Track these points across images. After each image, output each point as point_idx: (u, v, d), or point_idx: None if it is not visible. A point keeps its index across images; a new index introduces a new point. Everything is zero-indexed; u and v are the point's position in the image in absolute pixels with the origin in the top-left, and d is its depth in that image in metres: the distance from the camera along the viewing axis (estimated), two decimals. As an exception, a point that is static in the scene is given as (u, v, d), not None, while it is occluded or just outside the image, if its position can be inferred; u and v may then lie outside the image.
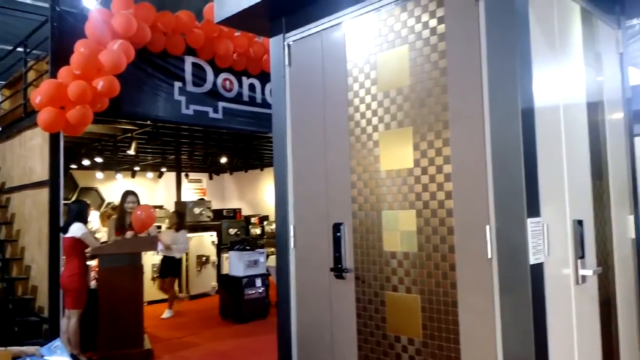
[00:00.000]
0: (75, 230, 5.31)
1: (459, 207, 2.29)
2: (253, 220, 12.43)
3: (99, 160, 10.14)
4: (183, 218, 8.50)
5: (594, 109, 2.83)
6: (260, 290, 7.37)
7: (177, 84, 6.33)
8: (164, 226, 9.32)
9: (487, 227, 2.17)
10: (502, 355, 2.07)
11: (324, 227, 2.88)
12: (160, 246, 7.10)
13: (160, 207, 12.25)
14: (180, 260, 8.00)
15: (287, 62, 3.15)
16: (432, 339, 2.36)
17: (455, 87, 2.33)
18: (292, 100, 3.13)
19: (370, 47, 2.71)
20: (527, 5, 2.22)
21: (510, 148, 2.11)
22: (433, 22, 2.42)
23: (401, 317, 2.50)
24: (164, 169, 14.03)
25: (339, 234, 2.80)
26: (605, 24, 3.08)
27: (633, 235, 3.12)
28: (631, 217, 3.12)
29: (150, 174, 14.49)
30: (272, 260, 6.95)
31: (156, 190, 14.83)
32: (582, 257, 2.45)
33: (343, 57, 2.84)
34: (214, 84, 6.64)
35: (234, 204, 14.92)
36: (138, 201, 6.40)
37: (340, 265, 2.78)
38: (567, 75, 2.57)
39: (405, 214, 2.52)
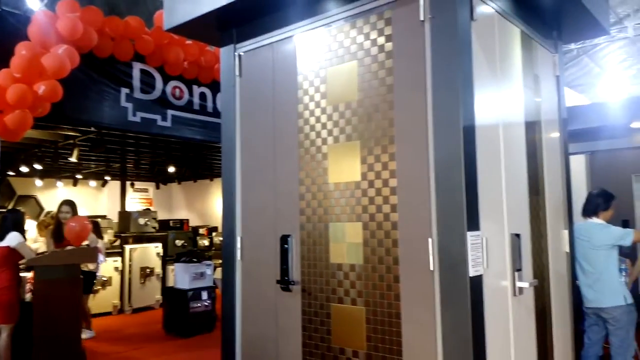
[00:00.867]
0: (11, 239, 5.03)
1: (404, 220, 2.34)
2: (201, 231, 12.17)
3: (38, 167, 9.66)
4: (99, 227, 8.03)
5: (532, 128, 2.98)
6: (207, 303, 7.21)
7: (124, 91, 6.15)
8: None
9: (430, 239, 2.22)
10: (443, 366, 2.12)
11: (272, 239, 2.87)
12: (101, 258, 6.82)
13: (104, 217, 11.80)
14: (93, 274, 7.14)
15: (237, 73, 3.13)
16: (376, 350, 2.38)
17: (401, 104, 2.39)
18: (242, 111, 3.12)
19: (320, 61, 2.74)
20: (470, 27, 2.32)
21: (452, 164, 2.18)
22: (381, 40, 2.48)
23: (346, 329, 2.51)
24: (108, 178, 13.56)
25: (286, 246, 2.80)
26: (543, 47, 3.25)
27: (567, 249, 3.29)
28: (566, 232, 3.29)
29: (93, 183, 13.96)
30: (219, 273, 6.80)
31: (99, 200, 14.30)
32: (520, 269, 2.55)
33: (294, 69, 2.86)
34: (163, 91, 6.50)
35: (181, 215, 14.58)
36: (74, 211, 6.13)
37: (287, 278, 2.77)
38: (506, 96, 2.69)
39: (352, 227, 2.55)
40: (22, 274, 5.43)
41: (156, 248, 9.37)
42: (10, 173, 10.64)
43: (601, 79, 16.96)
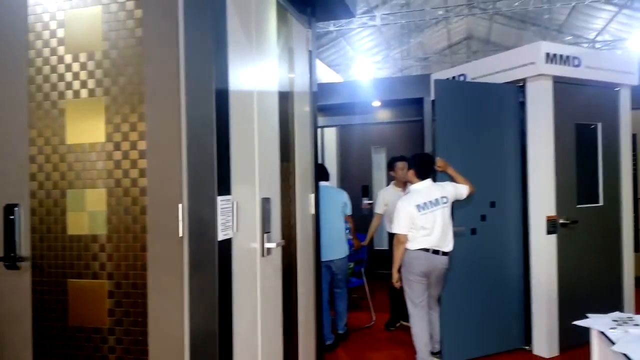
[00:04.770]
0: None
1: (153, 186, 2.21)
2: None
3: None
4: None
5: (285, 98, 3.12)
6: None
7: None
8: None
9: (180, 205, 2.14)
10: (189, 332, 2.09)
11: (-8, 209, 2.41)
12: None
13: None
14: None
15: (-59, 1, 2.48)
16: (120, 324, 2.22)
17: (152, 60, 2.22)
18: (-52, 51, 2.49)
19: (57, 1, 2.35)
20: (225, -11, 2.26)
21: (204, 127, 2.13)
22: (129, -14, 2.24)
23: (86, 305, 2.28)
24: None
25: (12, 217, 2.38)
26: (298, 22, 3.41)
27: (313, 212, 3.60)
28: (312, 196, 3.60)
29: None
30: None
31: None
32: (269, 231, 2.68)
33: (23, 8, 2.39)
34: None
35: None
36: None
37: (13, 254, 2.37)
38: (261, 64, 2.74)
39: (95, 193, 2.30)
40: None
41: None
42: None
43: (355, 61, 19.08)
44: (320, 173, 4.66)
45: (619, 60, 5.05)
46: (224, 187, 2.19)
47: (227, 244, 2.19)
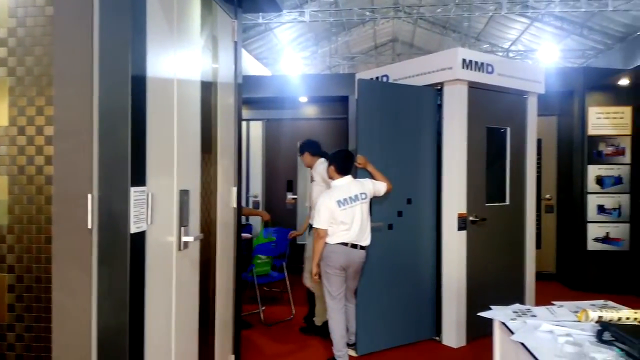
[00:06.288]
0: None
1: (60, 174, 2.09)
2: None
3: None
4: None
5: (208, 89, 3.06)
6: None
7: None
8: None
9: (90, 195, 2.04)
10: (96, 328, 2.01)
11: None
12: None
13: None
14: None
15: None
16: (21, 320, 2.09)
17: (63, 40, 2.09)
18: None
19: (-46, -31, 2.15)
20: (145, -29, 2.18)
21: (119, 114, 2.04)
22: (39, -40, 2.10)
23: (-19, 301, 2.12)
24: None
25: None
26: (223, 11, 3.35)
27: (235, 205, 3.56)
28: (234, 189, 3.55)
29: None
30: None
31: None
32: (186, 225, 2.62)
33: None
34: None
35: None
36: None
37: None
38: (183, 52, 2.67)
39: (-5, 180, 2.14)
40: None
41: None
42: None
43: (283, 56, 19.02)
44: None
45: (528, 69, 5.44)
46: (138, 178, 2.12)
47: (140, 237, 2.12)
